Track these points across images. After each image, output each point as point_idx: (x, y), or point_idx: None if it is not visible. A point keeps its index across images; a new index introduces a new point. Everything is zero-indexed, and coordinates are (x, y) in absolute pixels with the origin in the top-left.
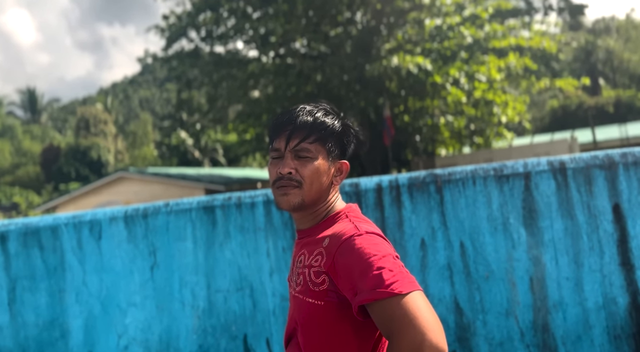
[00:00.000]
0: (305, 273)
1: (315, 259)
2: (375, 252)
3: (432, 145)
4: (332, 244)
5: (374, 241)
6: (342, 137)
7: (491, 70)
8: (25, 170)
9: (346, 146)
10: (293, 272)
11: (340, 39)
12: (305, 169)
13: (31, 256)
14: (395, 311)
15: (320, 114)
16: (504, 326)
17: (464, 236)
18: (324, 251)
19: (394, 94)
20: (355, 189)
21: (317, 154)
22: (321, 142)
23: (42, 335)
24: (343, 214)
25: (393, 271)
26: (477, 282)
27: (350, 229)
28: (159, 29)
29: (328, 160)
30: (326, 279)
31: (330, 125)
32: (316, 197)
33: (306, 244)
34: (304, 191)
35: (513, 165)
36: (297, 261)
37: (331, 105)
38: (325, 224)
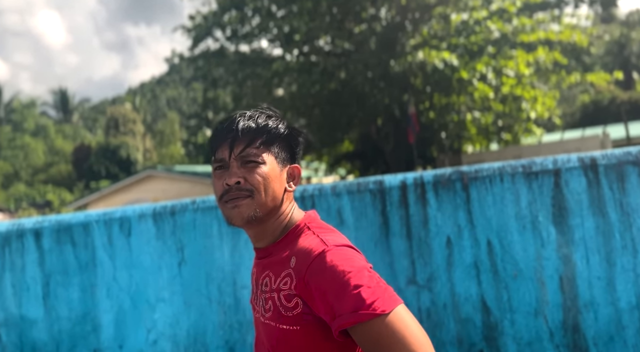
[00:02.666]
0: (275, 298)
1: (284, 281)
2: (349, 268)
3: (458, 142)
4: (300, 264)
5: (345, 255)
6: (289, 139)
7: (519, 65)
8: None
9: (294, 149)
10: (257, 296)
11: (365, 35)
12: (255, 176)
13: (64, 252)
14: (381, 332)
15: (262, 118)
16: (533, 326)
17: (491, 234)
18: (293, 272)
19: (419, 91)
20: (379, 187)
21: (265, 158)
22: (268, 146)
23: (74, 329)
24: (304, 226)
25: (371, 288)
26: (504, 281)
27: (316, 244)
28: (185, 29)
29: (278, 165)
30: (299, 302)
31: (275, 128)
32: (271, 206)
33: (270, 265)
34: (257, 201)
35: (542, 162)
36: (261, 284)
37: (273, 109)
38: (287, 240)
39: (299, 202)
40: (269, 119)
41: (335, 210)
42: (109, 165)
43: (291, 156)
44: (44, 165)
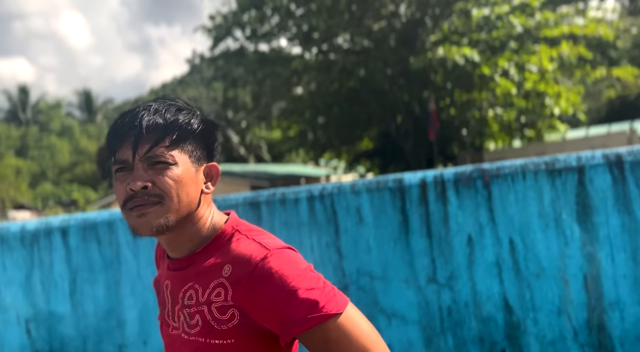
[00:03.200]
0: (204, 311)
1: (216, 292)
2: (295, 271)
3: (480, 139)
4: (240, 272)
5: (289, 258)
6: (205, 135)
7: (543, 60)
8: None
9: (211, 145)
10: (174, 311)
11: (384, 32)
12: (165, 179)
13: (89, 250)
14: (335, 333)
15: (171, 112)
16: (556, 325)
17: (513, 233)
18: (227, 282)
19: (440, 87)
20: (398, 185)
21: (176, 158)
22: (179, 144)
23: (100, 325)
24: (232, 230)
25: (320, 289)
26: (527, 280)
27: (256, 249)
28: (205, 29)
29: (192, 165)
30: (236, 314)
31: (187, 123)
32: (185, 212)
33: (193, 276)
34: (168, 207)
35: (565, 159)
36: (182, 299)
37: (183, 100)
38: (214, 246)
39: (316, 201)
40: (179, 112)
41: (354, 208)
42: None
43: (208, 154)
44: (70, 164)
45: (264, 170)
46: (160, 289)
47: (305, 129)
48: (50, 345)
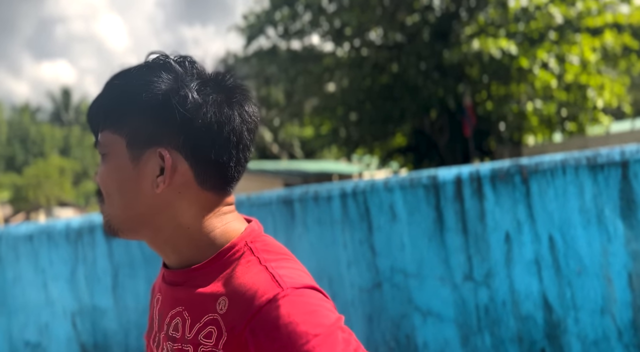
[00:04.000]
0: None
1: (207, 332)
2: (314, 329)
3: (518, 134)
4: (237, 313)
5: (309, 305)
6: (156, 106)
7: (584, 51)
8: None
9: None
10: (158, 338)
11: (417, 26)
12: (98, 175)
13: (130, 245)
14: None
15: (115, 80)
16: (599, 324)
17: (553, 229)
18: (222, 321)
19: (475, 81)
20: (432, 181)
21: (108, 147)
22: (112, 128)
23: (141, 319)
24: (244, 246)
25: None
26: (567, 278)
27: (264, 283)
28: (238, 28)
29: (128, 153)
30: None
31: (121, 95)
32: (130, 215)
33: (183, 299)
34: (106, 209)
35: (608, 153)
36: (168, 325)
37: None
38: (214, 265)
39: (349, 198)
40: (122, 77)
41: (387, 205)
42: None
43: (161, 133)
44: None
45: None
46: (152, 301)
47: (338, 125)
48: (95, 338)
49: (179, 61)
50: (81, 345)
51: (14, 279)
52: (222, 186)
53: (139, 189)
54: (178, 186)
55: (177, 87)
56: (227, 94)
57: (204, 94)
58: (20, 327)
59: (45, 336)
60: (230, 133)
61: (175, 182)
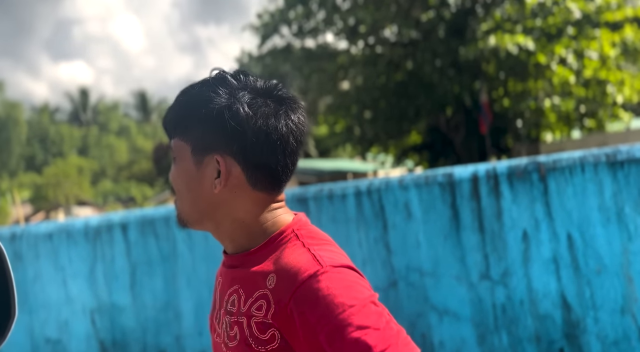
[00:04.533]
0: (244, 324)
1: (258, 305)
2: (350, 300)
3: (536, 131)
4: (283, 287)
5: (346, 281)
6: (213, 119)
7: (604, 46)
8: (140, 166)
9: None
10: (220, 315)
11: (433, 23)
12: (171, 175)
13: (148, 244)
14: None
15: (188, 91)
16: (619, 324)
17: (571, 228)
18: (270, 295)
19: (492, 78)
20: (448, 179)
21: (177, 152)
22: (180, 136)
23: (159, 316)
24: (290, 232)
25: (380, 329)
26: (587, 277)
27: (306, 262)
28: (253, 27)
29: (192, 158)
30: (276, 335)
31: (186, 109)
32: (197, 210)
33: (240, 278)
34: (178, 203)
35: (628, 150)
36: (227, 302)
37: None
38: (266, 249)
39: (364, 196)
40: (186, 93)
41: (402, 203)
42: None
43: (223, 142)
44: (127, 163)
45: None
46: (215, 284)
47: (352, 123)
48: (113, 335)
49: (234, 75)
50: (100, 342)
51: (34, 277)
52: (272, 187)
53: (201, 189)
54: (233, 187)
55: (231, 101)
56: (276, 105)
57: (254, 106)
58: (41, 324)
59: (65, 333)
60: (278, 141)
61: (230, 184)
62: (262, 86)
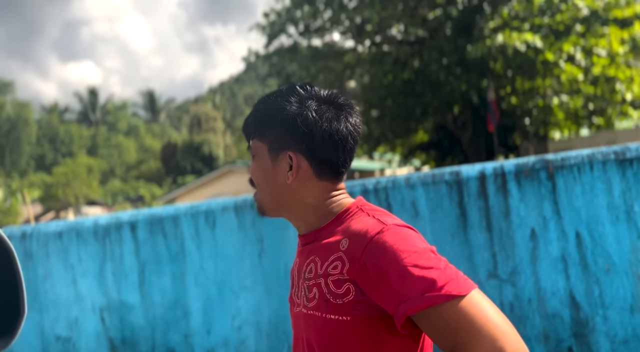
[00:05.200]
0: (321, 284)
1: (333, 265)
2: (412, 247)
3: (544, 129)
4: (355, 246)
5: (406, 235)
6: (287, 123)
7: (612, 43)
8: (148, 166)
9: (295, 131)
10: (299, 286)
11: (439, 21)
12: (251, 170)
13: (156, 243)
14: (459, 318)
15: (265, 99)
16: (629, 323)
17: (580, 226)
18: (344, 255)
19: (499, 76)
20: (455, 178)
21: (256, 151)
22: (259, 134)
23: (167, 314)
24: (355, 208)
25: (441, 269)
26: (595, 275)
27: (373, 224)
28: (260, 26)
29: (269, 155)
30: (351, 288)
31: (270, 110)
32: (274, 200)
33: (315, 250)
34: (258, 195)
35: (637, 147)
36: (304, 272)
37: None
38: (336, 223)
39: (371, 195)
40: (271, 99)
41: (409, 202)
42: (194, 161)
43: (294, 141)
44: (136, 162)
45: None
46: (293, 269)
47: None
48: (122, 333)
49: (302, 86)
50: (109, 340)
51: (44, 276)
52: (334, 177)
53: (276, 180)
54: (302, 178)
55: (301, 109)
56: (337, 111)
57: (320, 112)
58: (51, 322)
59: (75, 331)
60: (339, 140)
61: (300, 176)
62: (325, 95)
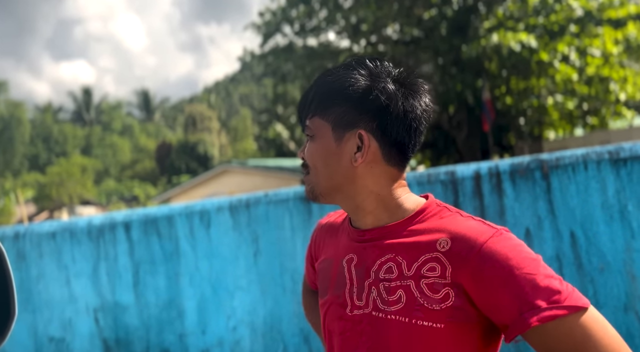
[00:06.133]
0: (411, 286)
1: (429, 267)
2: (528, 256)
3: (538, 129)
4: (462, 248)
5: (518, 241)
6: (358, 97)
7: (606, 44)
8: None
9: (367, 107)
10: (360, 286)
11: (435, 21)
12: (307, 153)
13: (151, 243)
14: (581, 330)
15: (329, 74)
16: (623, 322)
17: (574, 225)
18: (444, 257)
19: (494, 75)
20: (451, 178)
21: (316, 130)
22: (320, 112)
23: (161, 314)
24: (439, 207)
25: (559, 279)
26: (590, 275)
27: (480, 227)
28: (255, 26)
29: (333, 135)
30: (451, 294)
31: (335, 85)
32: (332, 184)
33: (393, 248)
34: (312, 179)
35: (631, 147)
36: (375, 271)
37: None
38: (418, 220)
39: None
40: (336, 73)
41: None
42: (189, 161)
43: (365, 118)
44: (131, 162)
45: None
46: (331, 266)
47: None
48: (116, 334)
49: (372, 60)
50: (103, 340)
51: (38, 276)
52: (402, 163)
53: (339, 163)
54: (370, 162)
55: (375, 82)
56: (412, 88)
57: (393, 87)
58: (44, 323)
59: (68, 332)
60: (413, 120)
61: (367, 158)
62: (397, 71)
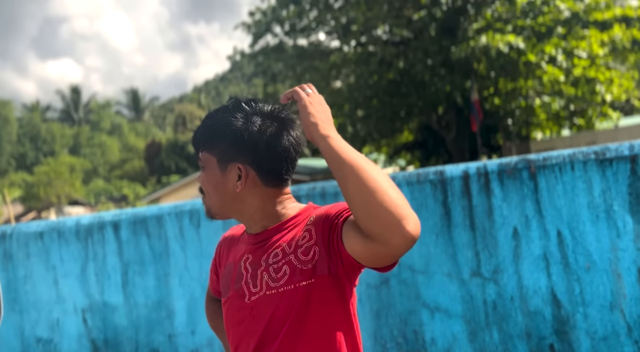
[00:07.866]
0: (291, 260)
1: (303, 236)
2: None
3: (526, 129)
4: (318, 217)
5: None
6: (234, 137)
7: (593, 45)
8: (132, 165)
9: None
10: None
11: (424, 22)
12: (201, 180)
13: (140, 243)
14: None
15: (214, 115)
16: (608, 320)
17: (561, 225)
18: (312, 227)
19: (483, 76)
20: (440, 177)
21: (205, 163)
22: (208, 147)
23: (151, 315)
24: (318, 207)
25: None
26: (576, 274)
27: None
28: (245, 25)
29: (218, 166)
30: (316, 250)
31: (212, 130)
32: (223, 206)
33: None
34: (207, 201)
35: (617, 148)
36: (265, 260)
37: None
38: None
39: None
40: (218, 114)
41: None
42: (178, 161)
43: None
44: (119, 161)
45: (304, 164)
46: (232, 268)
47: (345, 122)
48: (105, 334)
49: (247, 102)
50: (92, 341)
51: (25, 277)
52: (279, 184)
53: (225, 189)
54: (250, 187)
55: (247, 124)
56: (279, 124)
57: (264, 126)
58: (32, 324)
59: (56, 332)
60: (282, 151)
61: (248, 184)
62: (269, 110)
